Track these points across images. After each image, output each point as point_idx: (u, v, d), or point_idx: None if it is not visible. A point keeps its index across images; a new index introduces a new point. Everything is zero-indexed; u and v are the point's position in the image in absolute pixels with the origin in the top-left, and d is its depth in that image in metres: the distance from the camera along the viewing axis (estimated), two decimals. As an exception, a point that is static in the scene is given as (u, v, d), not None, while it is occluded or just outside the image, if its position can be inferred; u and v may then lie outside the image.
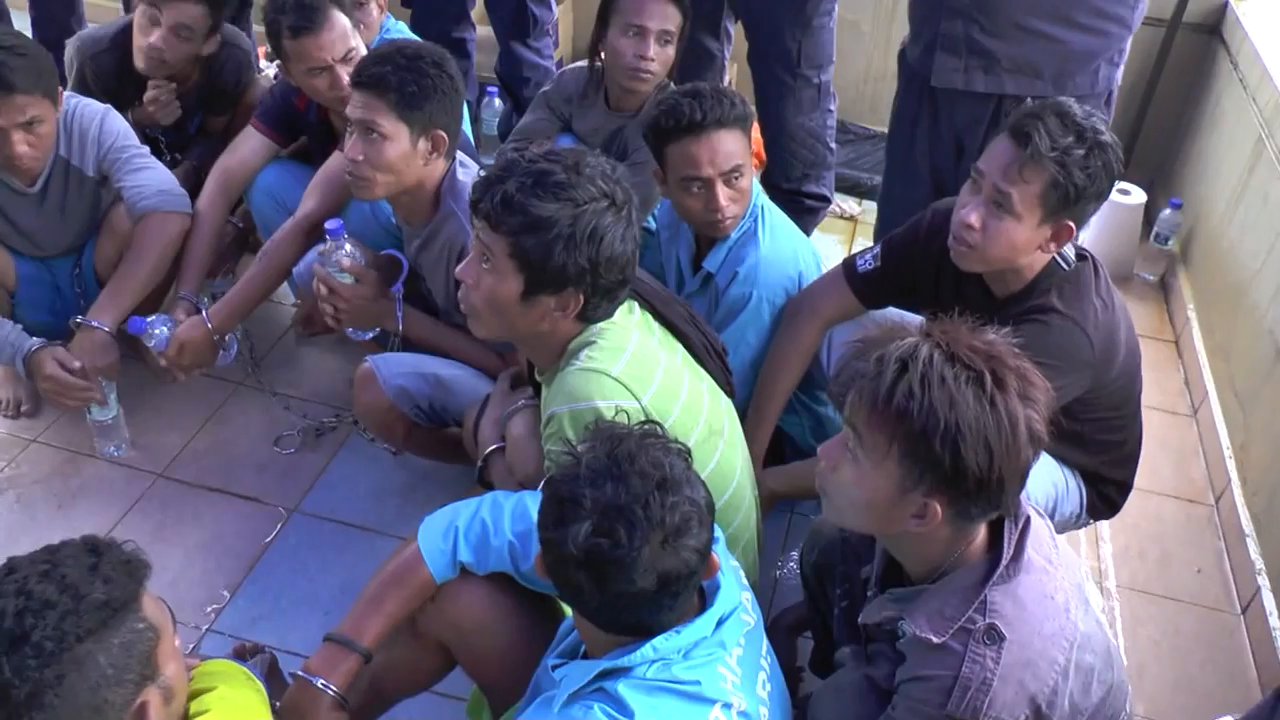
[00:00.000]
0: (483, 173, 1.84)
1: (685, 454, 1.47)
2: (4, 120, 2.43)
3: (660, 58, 2.77)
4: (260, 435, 2.83)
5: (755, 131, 2.69)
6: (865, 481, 1.45)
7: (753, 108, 2.40)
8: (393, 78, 2.21)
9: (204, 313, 2.64)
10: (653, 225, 2.68)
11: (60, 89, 2.54)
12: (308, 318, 2.96)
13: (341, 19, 2.63)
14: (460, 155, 2.38)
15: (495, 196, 1.74)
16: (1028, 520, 1.53)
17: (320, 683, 1.69)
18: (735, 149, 2.29)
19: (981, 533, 1.51)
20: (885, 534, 1.57)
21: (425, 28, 3.34)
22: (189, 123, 3.11)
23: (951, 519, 1.44)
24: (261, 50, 3.74)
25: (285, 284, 2.89)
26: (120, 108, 2.79)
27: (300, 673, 1.72)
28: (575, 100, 2.96)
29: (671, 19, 2.76)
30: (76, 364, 2.54)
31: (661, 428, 1.50)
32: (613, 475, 1.38)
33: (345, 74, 2.56)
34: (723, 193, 2.30)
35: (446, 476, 2.63)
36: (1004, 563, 1.48)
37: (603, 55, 2.83)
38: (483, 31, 3.68)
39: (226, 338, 2.68)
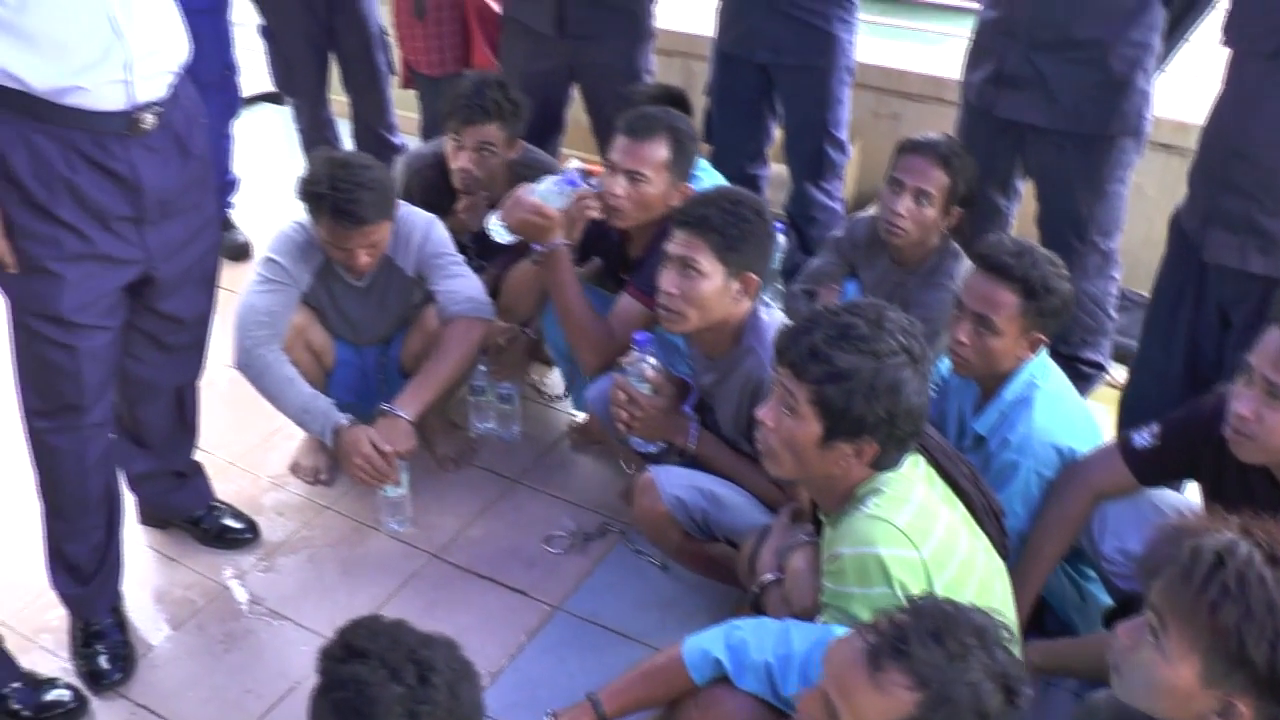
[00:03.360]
0: (788, 322, 1.96)
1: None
2: (353, 244, 2.76)
3: (914, 216, 2.84)
4: (531, 531, 2.98)
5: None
6: (1165, 669, 1.44)
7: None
8: (716, 220, 2.38)
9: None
10: (938, 376, 2.74)
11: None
12: (585, 427, 3.16)
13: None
14: (763, 297, 2.51)
15: (801, 347, 1.85)
16: None
17: None
18: (1001, 300, 2.34)
19: None
20: None
21: (724, 163, 3.53)
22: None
23: None
24: (593, 166, 4.01)
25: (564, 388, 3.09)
26: (438, 214, 3.06)
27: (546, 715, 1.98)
28: (863, 248, 3.07)
29: (933, 181, 2.83)
30: (387, 447, 2.75)
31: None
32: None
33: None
34: (964, 329, 2.37)
35: (709, 594, 2.72)
36: None
37: None
38: (775, 168, 3.84)
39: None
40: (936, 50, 4.68)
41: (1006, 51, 3.00)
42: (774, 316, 2.48)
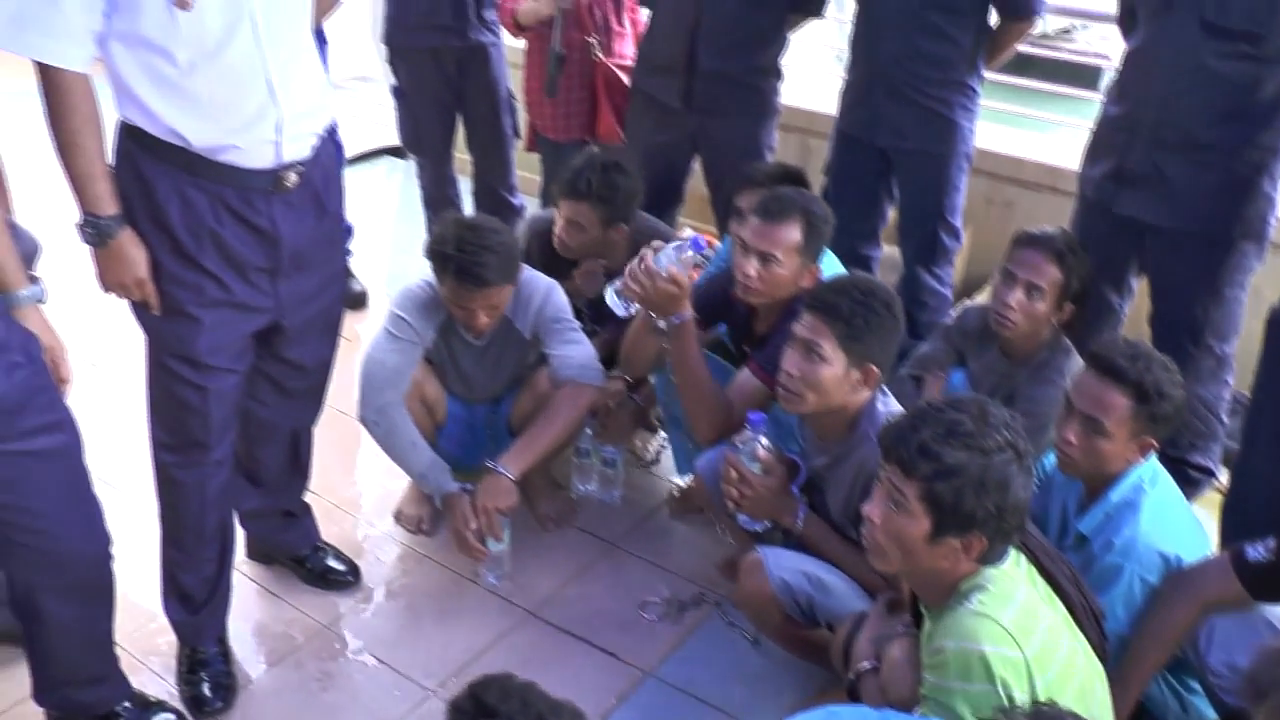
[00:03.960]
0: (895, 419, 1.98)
1: None
2: (475, 305, 2.85)
3: (1024, 309, 2.83)
4: (626, 596, 3.01)
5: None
6: None
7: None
8: (845, 309, 2.41)
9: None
10: (1041, 472, 2.72)
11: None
12: (685, 495, 3.19)
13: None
14: (881, 387, 2.53)
15: (909, 444, 1.87)
16: None
17: None
18: (1112, 403, 2.33)
19: None
20: None
21: (838, 242, 3.54)
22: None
23: None
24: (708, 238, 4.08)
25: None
26: (556, 278, 3.14)
27: None
28: (972, 337, 3.08)
29: (1046, 276, 2.82)
30: (490, 503, 2.84)
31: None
32: None
33: None
34: (1073, 429, 2.35)
35: (797, 672, 2.71)
36: None
37: None
38: (887, 250, 3.87)
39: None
40: (1053, 138, 4.69)
41: (1128, 148, 3.01)
42: (891, 408, 2.50)
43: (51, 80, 2.11)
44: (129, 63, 2.14)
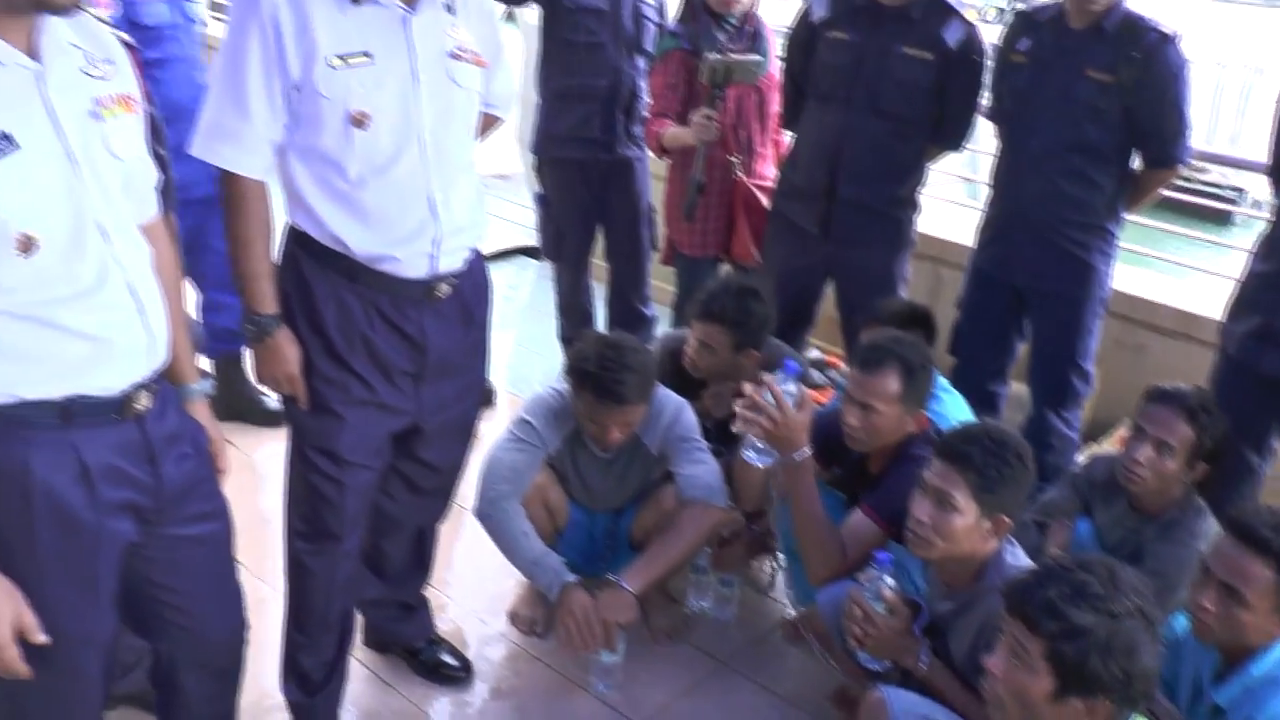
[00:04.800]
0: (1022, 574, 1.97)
1: None
2: (610, 422, 2.92)
3: (1154, 466, 2.77)
4: (735, 716, 2.99)
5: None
6: None
7: None
8: (977, 459, 2.40)
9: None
10: (1171, 634, 2.66)
11: None
12: (799, 622, 3.19)
13: None
14: (1009, 536, 2.52)
15: (1036, 601, 1.87)
16: None
17: None
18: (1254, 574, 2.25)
19: None
20: None
21: (966, 377, 3.57)
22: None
23: None
24: (833, 358, 4.13)
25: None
26: (686, 397, 3.18)
27: None
28: (1100, 488, 3.03)
29: (1177, 434, 2.76)
30: (608, 617, 2.86)
31: None
32: None
33: None
34: (1209, 596, 2.27)
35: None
36: None
37: None
38: (1015, 387, 3.84)
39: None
40: (1188, 283, 4.63)
41: (1276, 307, 2.97)
42: (1019, 559, 2.48)
43: (233, 185, 2.26)
44: (303, 173, 2.28)
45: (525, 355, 5.11)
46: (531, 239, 6.23)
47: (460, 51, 2.34)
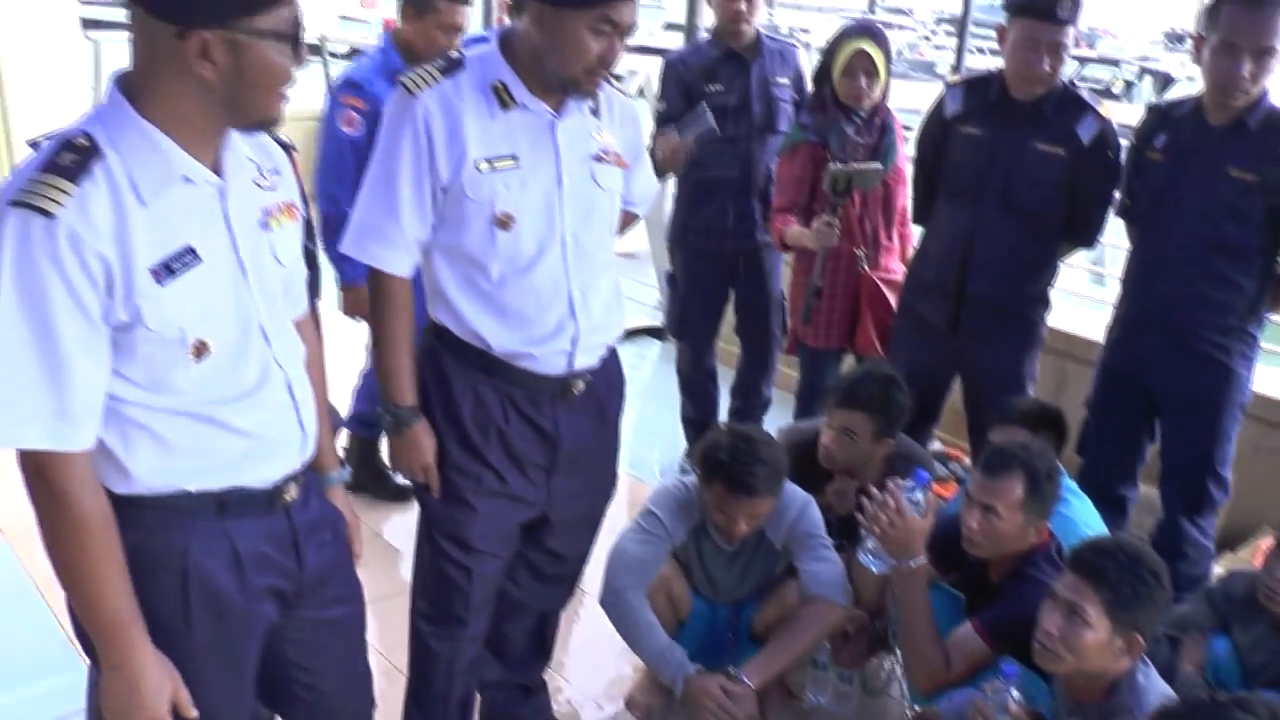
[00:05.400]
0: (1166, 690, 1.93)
1: None
2: (738, 514, 2.93)
3: None
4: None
5: None
6: None
7: None
8: (1112, 574, 2.36)
9: None
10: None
11: None
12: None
13: None
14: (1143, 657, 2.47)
15: None
16: None
17: None
18: None
19: None
20: None
21: (1093, 479, 3.49)
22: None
23: None
24: (956, 451, 4.09)
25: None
26: (809, 489, 3.18)
27: None
28: (1239, 606, 2.93)
29: None
30: (734, 712, 2.85)
31: None
32: None
33: None
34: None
35: None
36: None
37: None
38: (1144, 490, 3.75)
39: None
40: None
41: None
42: (1153, 680, 2.42)
43: (379, 282, 2.36)
44: (446, 271, 2.37)
45: (645, 437, 5.13)
46: (655, 319, 6.32)
47: (604, 154, 2.41)
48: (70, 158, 1.62)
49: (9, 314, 1.59)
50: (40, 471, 1.68)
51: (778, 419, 4.46)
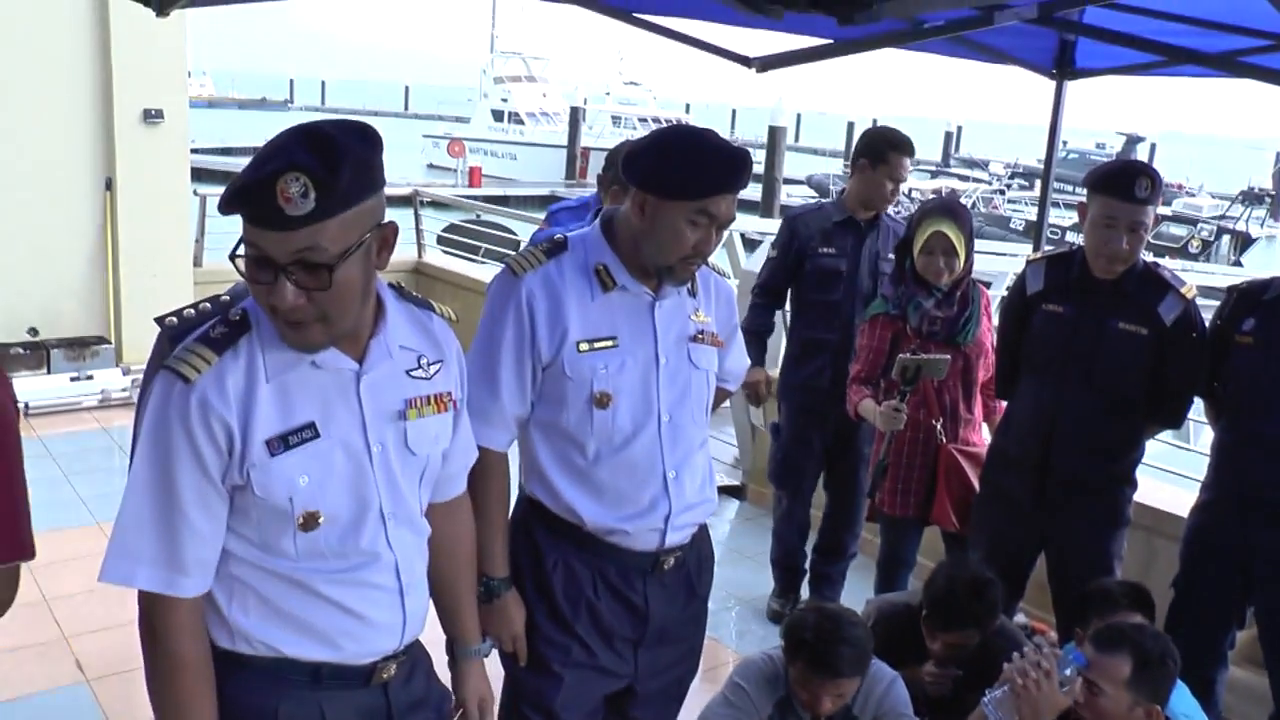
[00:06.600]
0: None
1: None
2: (823, 692, 2.92)
3: None
4: None
5: None
6: None
7: None
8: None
9: None
10: None
11: None
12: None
13: None
14: None
15: None
16: None
17: None
18: None
19: None
20: None
21: (1183, 662, 3.40)
22: (949, 698, 3.39)
23: None
24: (1041, 625, 4.05)
25: None
26: (896, 666, 3.15)
27: None
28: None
29: None
30: None
31: None
32: None
33: None
34: None
35: None
36: None
37: None
38: (1236, 672, 3.66)
39: None
40: None
41: None
42: None
43: (479, 459, 2.42)
44: (542, 446, 2.44)
45: (723, 599, 5.10)
46: (733, 477, 6.35)
47: (700, 334, 2.49)
48: (221, 330, 1.80)
49: (143, 463, 1.77)
50: (147, 610, 1.81)
51: (858, 583, 4.45)
